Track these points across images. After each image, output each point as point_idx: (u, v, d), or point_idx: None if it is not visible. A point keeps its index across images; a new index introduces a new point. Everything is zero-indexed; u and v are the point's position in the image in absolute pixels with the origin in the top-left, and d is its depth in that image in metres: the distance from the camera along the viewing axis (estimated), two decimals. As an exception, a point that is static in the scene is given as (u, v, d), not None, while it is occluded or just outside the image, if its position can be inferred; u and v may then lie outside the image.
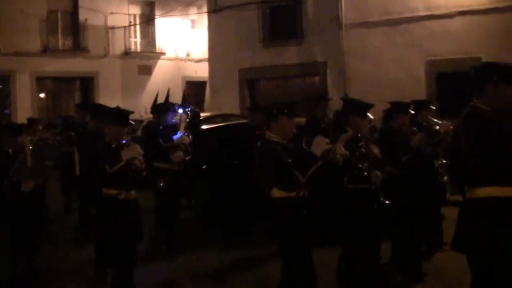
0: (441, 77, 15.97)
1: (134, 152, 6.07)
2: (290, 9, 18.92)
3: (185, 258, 8.35)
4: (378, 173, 5.91)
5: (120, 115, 6.41)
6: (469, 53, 15.11)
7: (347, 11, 17.43)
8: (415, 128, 7.47)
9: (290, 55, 18.71)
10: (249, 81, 20.22)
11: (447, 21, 15.72)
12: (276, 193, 5.49)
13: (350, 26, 17.37)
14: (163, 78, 25.24)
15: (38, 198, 7.82)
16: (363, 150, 5.83)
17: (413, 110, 7.69)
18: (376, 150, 6.06)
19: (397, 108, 7.42)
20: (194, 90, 25.89)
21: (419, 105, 8.09)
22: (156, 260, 8.20)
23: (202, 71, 24.44)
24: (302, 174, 5.46)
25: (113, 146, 6.06)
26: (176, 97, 10.77)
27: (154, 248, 8.52)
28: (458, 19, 15.57)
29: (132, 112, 6.63)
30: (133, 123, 7.61)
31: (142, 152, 6.18)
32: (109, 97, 22.18)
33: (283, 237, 5.53)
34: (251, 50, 19.38)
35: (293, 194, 5.46)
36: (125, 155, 6.00)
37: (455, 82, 15.27)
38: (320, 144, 5.42)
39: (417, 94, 12.20)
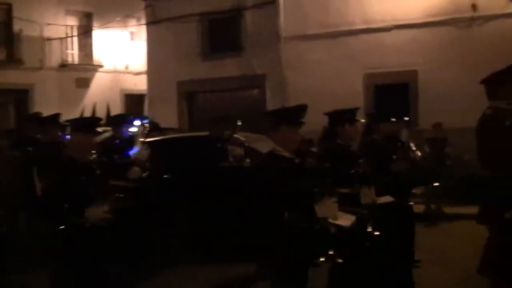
0: (378, 90, 16.09)
1: None
2: (229, 22, 18.80)
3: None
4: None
5: (88, 122, 5.40)
6: (405, 66, 15.35)
7: (286, 24, 17.41)
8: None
9: (229, 67, 18.55)
10: (188, 94, 19.99)
11: (384, 34, 15.88)
12: None
13: (289, 39, 17.35)
14: (101, 91, 24.71)
15: None
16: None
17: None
18: None
19: (376, 118, 7.11)
20: (133, 103, 25.45)
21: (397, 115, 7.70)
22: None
23: (141, 84, 24.03)
24: None
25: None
26: (114, 111, 10.47)
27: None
28: (394, 32, 15.75)
29: (101, 120, 5.95)
30: (100, 131, 7.03)
31: None
32: (45, 110, 21.14)
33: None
34: (190, 62, 19.14)
35: None
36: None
37: (392, 95, 15.49)
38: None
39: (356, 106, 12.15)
